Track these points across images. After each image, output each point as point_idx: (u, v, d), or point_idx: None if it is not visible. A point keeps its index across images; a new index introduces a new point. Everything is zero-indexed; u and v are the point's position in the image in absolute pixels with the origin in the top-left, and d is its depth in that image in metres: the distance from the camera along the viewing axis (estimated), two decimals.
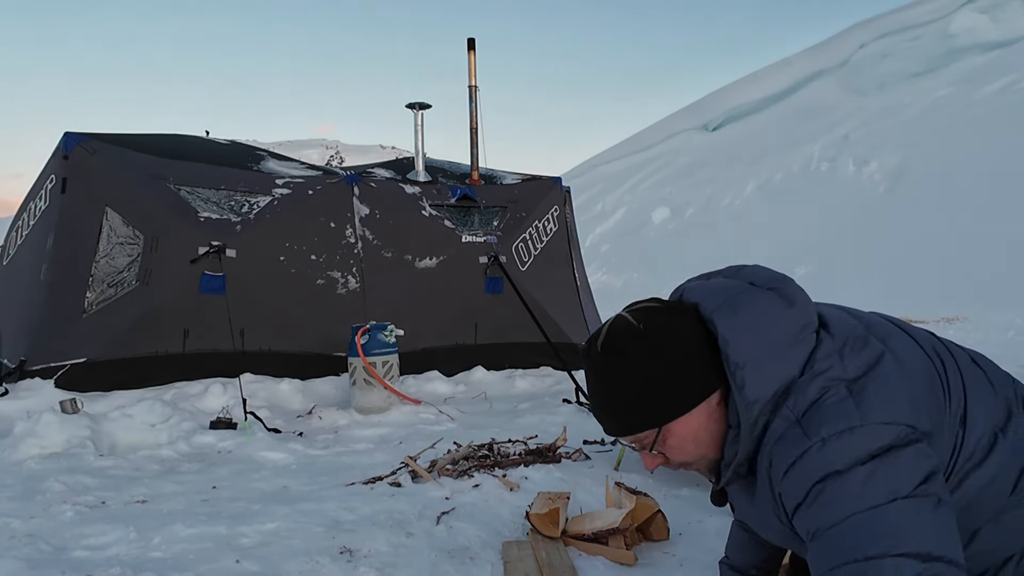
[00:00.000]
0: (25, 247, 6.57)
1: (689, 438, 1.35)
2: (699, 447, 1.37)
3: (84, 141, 5.97)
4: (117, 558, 2.62)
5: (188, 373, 5.74)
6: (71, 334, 5.60)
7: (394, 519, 3.01)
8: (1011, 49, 23.50)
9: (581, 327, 7.68)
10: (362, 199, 6.84)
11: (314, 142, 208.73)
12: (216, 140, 8.70)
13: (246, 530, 2.89)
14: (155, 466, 4.02)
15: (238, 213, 6.29)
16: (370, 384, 5.42)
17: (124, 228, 5.88)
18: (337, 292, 6.53)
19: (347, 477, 3.72)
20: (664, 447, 1.37)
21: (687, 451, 1.37)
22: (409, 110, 7.72)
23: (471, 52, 7.82)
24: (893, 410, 1.23)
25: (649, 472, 1.61)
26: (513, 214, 7.58)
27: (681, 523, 2.91)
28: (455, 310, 6.96)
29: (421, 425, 5.08)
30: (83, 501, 3.28)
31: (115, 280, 5.82)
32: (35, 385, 5.32)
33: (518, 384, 6.64)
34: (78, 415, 4.42)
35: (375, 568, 2.53)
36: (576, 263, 8.24)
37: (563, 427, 4.36)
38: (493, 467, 3.68)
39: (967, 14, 29.37)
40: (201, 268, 5.91)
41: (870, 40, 33.94)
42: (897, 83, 26.96)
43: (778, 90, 35.53)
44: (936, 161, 16.34)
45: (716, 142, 32.00)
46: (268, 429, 4.76)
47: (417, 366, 6.40)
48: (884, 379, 1.27)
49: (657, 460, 1.40)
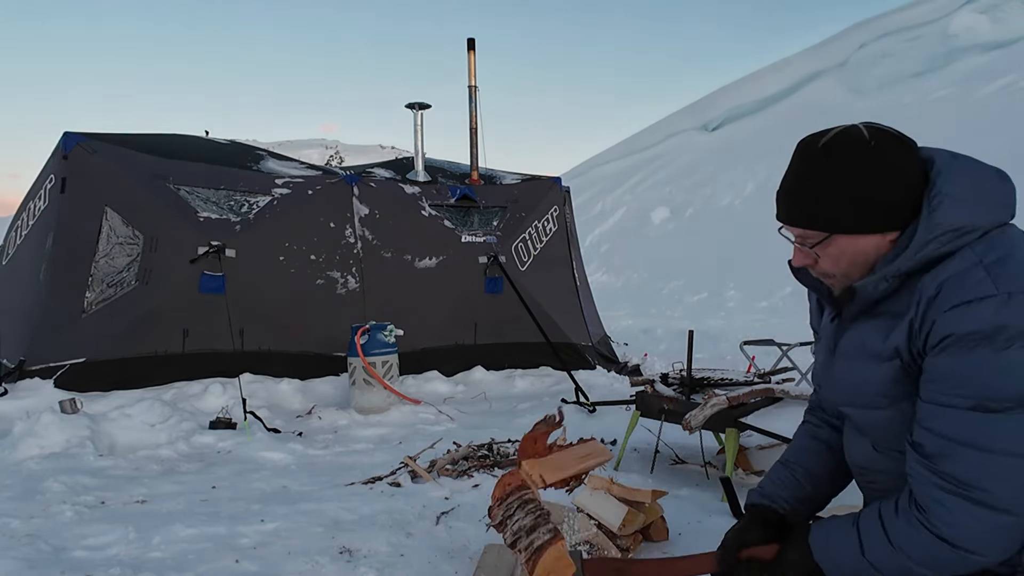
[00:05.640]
0: (24, 247, 6.56)
1: (848, 253, 1.40)
2: (851, 265, 1.41)
3: (83, 141, 5.97)
4: (116, 558, 2.62)
5: (188, 373, 5.74)
6: (71, 334, 5.60)
7: (394, 519, 3.01)
8: (1011, 49, 23.49)
9: (581, 327, 7.68)
10: (362, 199, 6.84)
11: (314, 142, 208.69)
12: (216, 140, 8.70)
13: (246, 530, 2.89)
14: (155, 466, 4.02)
15: (238, 213, 6.29)
16: (370, 384, 5.42)
17: (124, 228, 5.88)
18: (337, 292, 6.53)
19: (347, 477, 3.73)
20: (823, 251, 1.41)
21: (840, 264, 1.42)
22: (409, 110, 7.73)
23: (471, 52, 7.82)
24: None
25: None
26: (513, 214, 7.58)
27: (681, 523, 2.91)
28: (455, 310, 6.96)
29: (421, 425, 5.08)
30: (82, 501, 3.28)
31: (115, 280, 5.82)
32: (35, 385, 5.32)
33: (517, 384, 6.64)
34: (77, 415, 4.42)
35: (375, 568, 2.53)
36: (576, 263, 8.24)
37: (563, 427, 4.35)
38: (493, 467, 3.68)
39: (967, 14, 29.36)
40: (201, 268, 5.91)
41: (870, 40, 33.91)
42: (897, 83, 26.95)
43: (778, 90, 35.50)
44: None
45: (716, 142, 31.97)
46: (268, 429, 4.76)
47: (417, 366, 6.40)
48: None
49: (808, 259, 1.45)
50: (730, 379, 3.89)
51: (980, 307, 1.22)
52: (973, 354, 1.22)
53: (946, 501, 1.24)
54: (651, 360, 7.83)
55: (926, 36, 30.06)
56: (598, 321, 8.49)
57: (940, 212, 1.31)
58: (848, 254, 1.40)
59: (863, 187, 1.34)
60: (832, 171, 1.35)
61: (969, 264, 1.28)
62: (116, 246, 5.86)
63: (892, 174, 1.34)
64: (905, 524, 1.29)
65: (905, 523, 1.29)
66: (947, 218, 1.30)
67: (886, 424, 1.43)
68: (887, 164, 1.34)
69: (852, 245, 1.39)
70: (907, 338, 1.33)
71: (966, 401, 1.23)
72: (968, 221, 1.31)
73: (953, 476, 1.24)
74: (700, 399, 3.59)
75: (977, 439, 1.22)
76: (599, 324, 8.47)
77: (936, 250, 1.31)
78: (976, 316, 1.22)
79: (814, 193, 1.38)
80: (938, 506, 1.25)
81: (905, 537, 1.29)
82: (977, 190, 1.34)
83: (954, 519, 1.23)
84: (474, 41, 7.87)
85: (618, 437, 4.38)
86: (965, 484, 1.22)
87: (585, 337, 7.64)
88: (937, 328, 1.26)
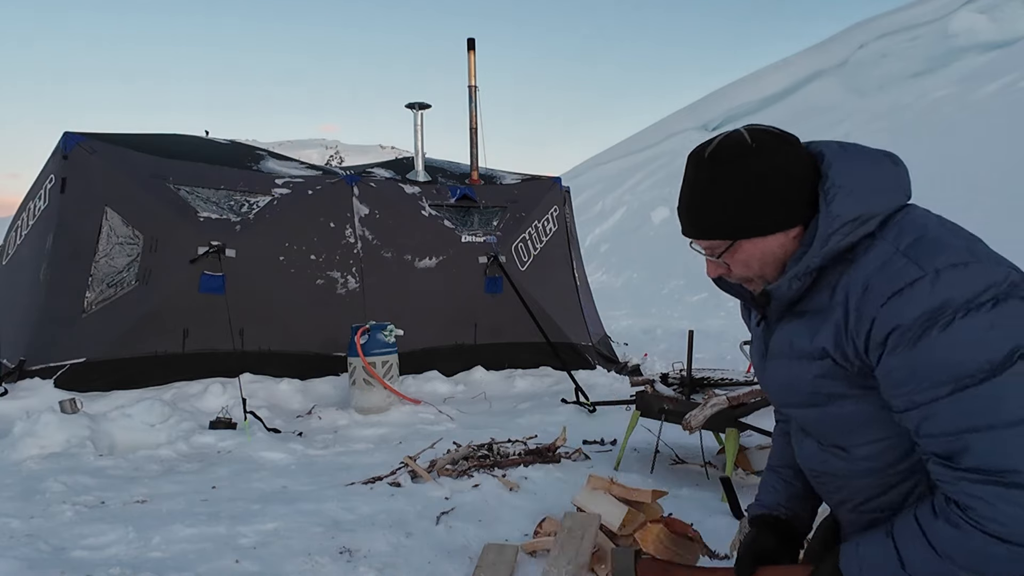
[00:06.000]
0: (24, 247, 6.56)
1: (756, 256, 1.41)
2: (763, 267, 1.43)
3: (83, 141, 5.97)
4: (116, 558, 2.62)
5: (188, 373, 5.74)
6: (71, 334, 5.60)
7: (394, 519, 3.01)
8: (1011, 49, 23.49)
9: (580, 327, 7.68)
10: (362, 199, 6.84)
11: (314, 142, 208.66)
12: (216, 140, 8.70)
13: (246, 530, 2.89)
14: (154, 466, 4.02)
15: (238, 213, 6.29)
16: (370, 384, 5.42)
17: (124, 228, 5.88)
18: (337, 292, 6.53)
19: (347, 477, 3.72)
20: (731, 259, 1.43)
21: (751, 267, 1.43)
22: (409, 110, 7.73)
23: (471, 52, 7.82)
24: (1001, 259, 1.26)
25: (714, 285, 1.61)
26: (513, 214, 7.58)
27: None
28: (455, 310, 6.96)
29: (421, 425, 5.08)
30: (82, 501, 3.28)
31: (115, 280, 5.82)
32: (34, 385, 5.32)
33: (517, 384, 6.64)
34: (77, 415, 4.42)
35: (375, 568, 2.53)
36: (576, 263, 8.24)
37: (563, 427, 4.36)
38: (493, 467, 3.68)
39: (967, 14, 29.36)
40: (201, 268, 5.91)
41: (870, 40, 33.92)
42: (897, 83, 26.95)
43: (778, 90, 35.51)
44: (936, 161, 16.36)
45: None
46: (268, 429, 4.76)
47: (417, 366, 6.40)
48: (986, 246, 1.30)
49: (720, 269, 1.47)
50: (730, 379, 3.89)
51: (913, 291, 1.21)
52: (924, 340, 1.19)
53: (984, 494, 1.16)
54: (651, 360, 7.82)
55: (926, 36, 30.06)
56: (598, 321, 8.49)
57: (836, 204, 1.32)
58: (757, 257, 1.41)
59: (753, 190, 1.35)
60: (721, 179, 1.37)
61: (888, 255, 1.28)
62: (116, 246, 5.86)
63: (778, 173, 1.35)
64: (948, 526, 1.20)
65: (947, 524, 1.20)
66: (844, 209, 1.32)
67: (825, 421, 1.43)
68: (773, 164, 1.35)
69: (758, 248, 1.40)
70: (835, 339, 1.33)
71: (944, 389, 1.18)
72: (865, 209, 1.32)
73: (978, 468, 1.17)
74: (700, 399, 3.60)
75: (977, 421, 1.16)
76: (599, 324, 8.47)
77: (840, 242, 1.32)
78: (914, 301, 1.21)
79: (708, 204, 1.40)
80: (977, 501, 1.16)
81: (951, 542, 1.19)
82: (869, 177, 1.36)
83: (997, 512, 1.14)
84: (474, 41, 7.87)
85: (618, 437, 4.38)
86: (993, 472, 1.15)
87: (585, 337, 7.64)
88: (878, 325, 1.24)
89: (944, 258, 1.22)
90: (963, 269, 1.20)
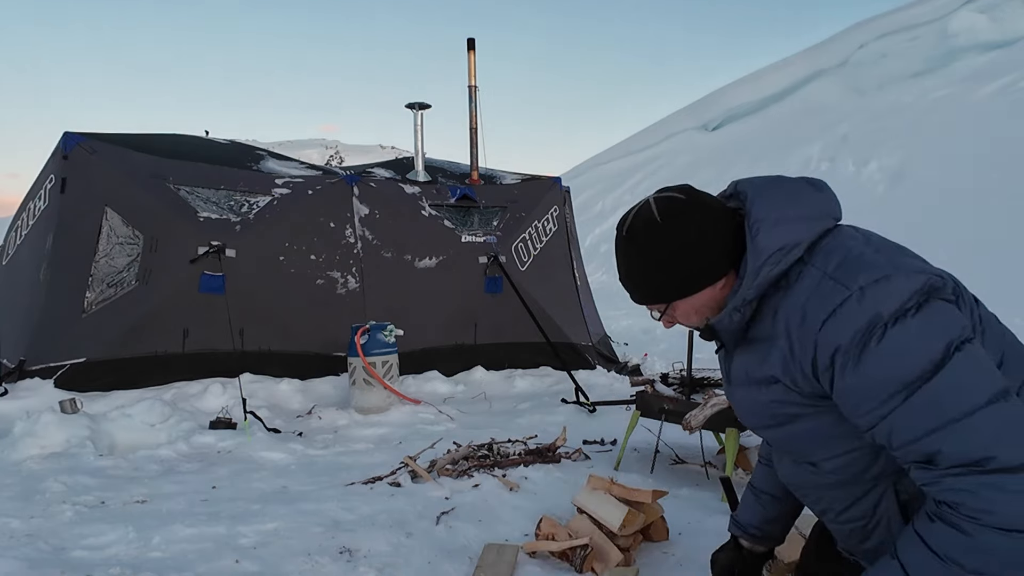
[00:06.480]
0: (24, 247, 6.56)
1: (694, 307, 1.50)
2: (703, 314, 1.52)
3: (83, 141, 5.97)
4: (116, 558, 2.62)
5: (188, 373, 5.74)
6: (71, 334, 5.60)
7: (394, 519, 3.01)
8: (1011, 49, 23.48)
9: (580, 327, 7.68)
10: (362, 199, 6.84)
11: (314, 142, 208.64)
12: (216, 140, 8.70)
13: (246, 530, 2.89)
14: (154, 466, 4.02)
15: (238, 213, 6.29)
16: (370, 384, 5.42)
17: (124, 228, 5.88)
18: (337, 292, 6.53)
19: (347, 477, 3.73)
20: (672, 315, 1.54)
21: (691, 319, 1.54)
22: (409, 110, 7.72)
23: (471, 52, 7.82)
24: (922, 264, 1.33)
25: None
26: (513, 214, 7.58)
27: (680, 523, 2.91)
28: (455, 310, 6.96)
29: (421, 425, 5.08)
30: (83, 501, 3.28)
31: (115, 280, 5.82)
32: (35, 385, 5.32)
33: (517, 384, 6.64)
34: (77, 415, 4.42)
35: (375, 568, 2.53)
36: (576, 263, 8.24)
37: (563, 427, 4.36)
38: (493, 467, 3.68)
39: (967, 14, 29.33)
40: (201, 268, 5.91)
41: (870, 40, 33.88)
42: (897, 83, 26.93)
43: (778, 90, 35.48)
44: (936, 161, 16.35)
45: (716, 142, 31.96)
46: (268, 429, 4.76)
47: (417, 366, 6.40)
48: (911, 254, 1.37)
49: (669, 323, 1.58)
50: None
51: (843, 311, 1.27)
52: (865, 355, 1.24)
53: (967, 486, 1.17)
54: (651, 360, 7.82)
55: (926, 36, 30.04)
56: (598, 321, 8.49)
57: (760, 237, 1.39)
58: (695, 307, 1.50)
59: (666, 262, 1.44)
60: (636, 255, 1.47)
61: (817, 280, 1.34)
62: (116, 246, 5.86)
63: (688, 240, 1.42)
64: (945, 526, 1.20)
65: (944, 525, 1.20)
66: (768, 241, 1.38)
67: (790, 440, 1.50)
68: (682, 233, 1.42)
69: (691, 304, 1.50)
70: (782, 366, 1.39)
71: (897, 399, 1.23)
72: (789, 239, 1.38)
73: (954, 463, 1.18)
74: (700, 399, 3.60)
75: (937, 419, 1.20)
76: (599, 324, 8.47)
77: (770, 272, 1.39)
78: (846, 321, 1.27)
79: (634, 276, 1.50)
80: (964, 495, 1.17)
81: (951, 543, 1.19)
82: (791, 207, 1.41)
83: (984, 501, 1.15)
84: (474, 41, 7.87)
85: (618, 437, 4.38)
86: (969, 463, 1.17)
87: (585, 337, 7.64)
88: (821, 348, 1.30)
89: (866, 275, 1.28)
90: (885, 283, 1.26)
